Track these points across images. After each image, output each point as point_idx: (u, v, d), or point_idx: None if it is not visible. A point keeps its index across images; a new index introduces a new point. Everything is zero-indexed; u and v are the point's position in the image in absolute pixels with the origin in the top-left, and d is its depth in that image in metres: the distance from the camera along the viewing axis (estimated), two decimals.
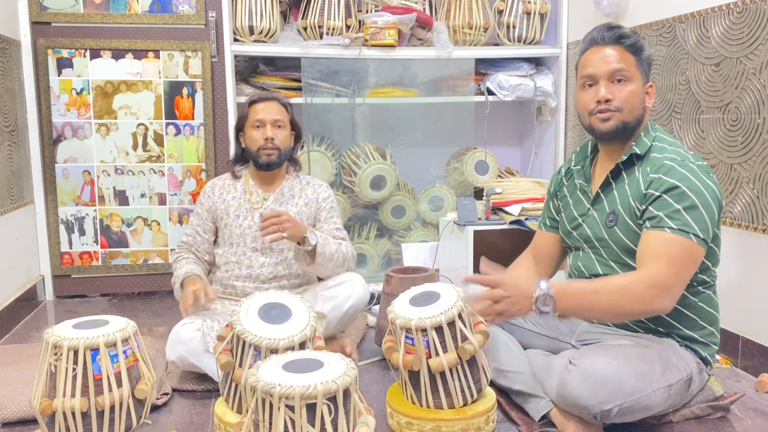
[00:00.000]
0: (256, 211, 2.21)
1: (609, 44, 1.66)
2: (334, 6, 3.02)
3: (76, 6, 2.93)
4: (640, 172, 1.65)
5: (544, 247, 1.96)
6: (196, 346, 1.93)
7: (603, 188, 1.74)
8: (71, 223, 3.04)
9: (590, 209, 1.77)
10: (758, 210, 2.06)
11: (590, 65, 1.68)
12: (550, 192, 1.97)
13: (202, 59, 3.00)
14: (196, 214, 2.29)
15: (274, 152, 2.19)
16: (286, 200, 2.25)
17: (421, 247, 3.17)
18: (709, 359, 1.70)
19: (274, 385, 1.21)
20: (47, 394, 1.50)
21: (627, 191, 1.67)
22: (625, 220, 1.67)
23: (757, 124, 2.05)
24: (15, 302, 2.71)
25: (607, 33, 1.67)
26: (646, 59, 1.69)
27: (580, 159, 1.87)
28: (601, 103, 1.65)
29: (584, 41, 1.72)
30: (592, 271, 1.76)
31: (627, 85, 1.65)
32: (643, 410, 1.53)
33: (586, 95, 1.69)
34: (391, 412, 1.71)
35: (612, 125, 1.66)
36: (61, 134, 2.98)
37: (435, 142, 3.44)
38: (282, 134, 2.21)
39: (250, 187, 2.26)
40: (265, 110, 2.20)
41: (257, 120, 2.20)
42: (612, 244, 1.70)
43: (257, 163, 2.21)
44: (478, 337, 1.65)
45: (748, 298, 2.12)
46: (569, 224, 1.84)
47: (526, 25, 3.20)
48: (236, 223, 2.21)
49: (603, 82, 1.65)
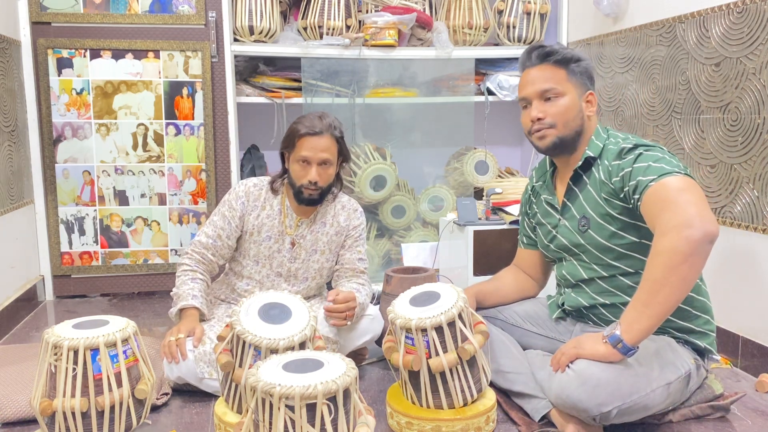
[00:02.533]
0: (288, 236, 2.11)
1: (535, 65, 1.74)
2: (334, 6, 3.02)
3: (76, 6, 2.93)
4: (600, 170, 1.70)
5: (525, 263, 2.03)
6: (193, 367, 1.89)
7: (567, 196, 1.79)
8: (71, 223, 3.04)
9: (560, 219, 1.81)
10: (758, 210, 2.06)
11: (522, 88, 1.76)
12: (522, 211, 2.03)
13: (202, 59, 3.00)
14: (223, 216, 2.09)
15: (315, 192, 2.04)
16: (318, 228, 2.14)
17: (421, 247, 3.17)
18: (709, 349, 1.70)
19: (274, 385, 1.21)
20: (47, 394, 1.49)
21: (591, 192, 1.72)
22: (597, 221, 1.70)
23: (757, 124, 2.05)
24: (15, 302, 2.71)
25: (533, 53, 1.75)
26: (581, 70, 1.74)
27: (540, 175, 1.93)
28: (534, 123, 1.73)
29: (518, 66, 1.80)
30: (577, 277, 1.79)
31: (558, 101, 1.71)
32: (642, 410, 1.53)
33: (524, 116, 1.78)
34: (391, 412, 1.72)
35: (549, 142, 1.73)
36: (61, 134, 2.98)
37: (435, 142, 3.44)
38: (328, 173, 2.05)
39: (285, 208, 2.12)
40: (314, 148, 1.99)
41: (303, 157, 2.01)
42: (590, 248, 1.73)
43: (298, 198, 2.07)
44: (478, 337, 1.65)
45: (748, 298, 2.12)
46: (545, 238, 1.89)
47: (526, 25, 3.20)
48: (267, 244, 2.11)
49: (535, 103, 1.73)
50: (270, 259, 2.13)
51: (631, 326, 1.47)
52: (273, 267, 2.13)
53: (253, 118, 3.24)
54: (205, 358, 1.88)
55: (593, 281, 1.75)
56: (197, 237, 2.11)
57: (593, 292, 1.76)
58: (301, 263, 2.14)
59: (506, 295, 1.99)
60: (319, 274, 2.18)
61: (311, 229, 2.14)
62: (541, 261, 1.99)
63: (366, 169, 3.09)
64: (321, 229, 2.15)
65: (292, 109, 3.16)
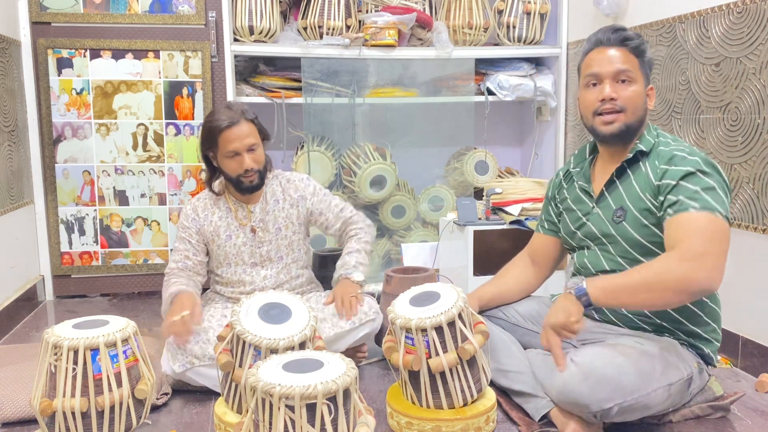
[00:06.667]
0: (245, 226, 2.16)
1: (614, 45, 1.68)
2: (334, 6, 3.02)
3: (76, 6, 2.93)
4: (648, 167, 1.67)
5: (541, 249, 1.99)
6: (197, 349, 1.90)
7: (607, 186, 1.75)
8: (71, 223, 3.04)
9: (594, 207, 1.78)
10: (758, 210, 2.06)
11: (595, 64, 1.69)
12: (548, 196, 1.98)
13: (202, 59, 3.00)
14: (182, 239, 2.15)
15: (255, 176, 2.08)
16: (271, 207, 2.18)
17: (421, 247, 3.17)
18: (711, 356, 1.70)
19: (274, 385, 1.21)
20: (47, 394, 1.49)
21: (635, 186, 1.68)
22: (634, 214, 1.67)
23: (757, 124, 2.05)
24: (15, 302, 2.71)
25: (613, 35, 1.68)
26: (648, 62, 1.71)
27: (579, 161, 1.88)
28: (605, 102, 1.66)
29: (588, 42, 1.73)
30: (598, 267, 1.76)
31: (631, 86, 1.66)
32: (643, 409, 1.53)
33: (590, 94, 1.70)
34: (391, 412, 1.71)
35: (615, 128, 1.67)
36: (61, 134, 2.98)
37: (435, 142, 3.43)
38: (259, 154, 2.09)
39: (232, 203, 2.17)
40: (237, 138, 2.02)
41: (232, 150, 2.04)
42: (620, 239, 1.70)
43: (240, 188, 2.11)
44: (478, 337, 1.65)
45: (748, 298, 2.12)
46: (573, 224, 1.85)
47: (526, 25, 3.20)
48: (229, 243, 2.15)
49: (608, 81, 1.67)
50: (239, 256, 2.16)
51: (604, 291, 1.53)
52: (246, 261, 2.17)
53: None
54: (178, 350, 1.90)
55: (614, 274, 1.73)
56: (168, 266, 2.16)
57: None
58: (269, 245, 2.17)
59: (507, 299, 1.97)
60: (290, 249, 2.21)
61: (266, 210, 2.18)
62: (556, 249, 1.96)
63: (366, 169, 3.09)
64: (275, 207, 2.19)
65: (292, 109, 3.16)
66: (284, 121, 3.09)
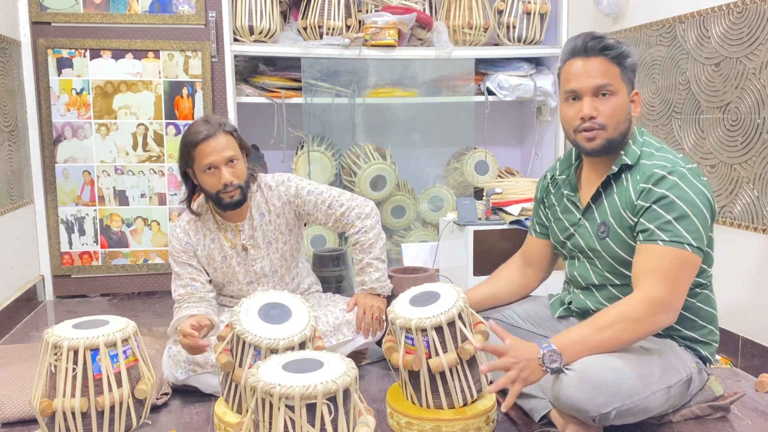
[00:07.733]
0: (236, 246, 2.07)
1: (592, 56, 1.59)
2: (334, 6, 3.02)
3: (76, 6, 2.93)
4: (630, 181, 1.62)
5: (534, 251, 1.95)
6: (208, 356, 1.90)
7: (594, 200, 1.71)
8: (71, 223, 3.04)
9: (581, 219, 1.75)
10: (758, 210, 2.06)
11: (573, 80, 1.61)
12: (537, 198, 1.94)
13: (202, 59, 3.00)
14: (181, 264, 2.04)
15: (235, 191, 1.95)
16: (258, 222, 2.08)
17: (421, 247, 3.17)
18: (709, 357, 1.70)
19: (274, 385, 1.21)
20: (47, 394, 1.50)
21: (617, 201, 1.65)
22: (616, 231, 1.64)
23: (757, 124, 2.05)
24: (15, 302, 2.71)
25: (590, 43, 1.59)
26: (630, 67, 1.63)
27: (564, 167, 1.83)
28: (585, 120, 1.60)
29: (565, 49, 1.65)
30: (588, 280, 1.75)
31: (611, 99, 1.59)
32: (642, 412, 1.53)
33: (570, 110, 1.64)
34: (391, 412, 1.71)
35: (597, 144, 1.61)
36: (61, 134, 2.98)
37: (435, 142, 3.43)
38: (239, 168, 1.96)
39: (219, 224, 2.07)
40: (214, 151, 1.90)
41: (208, 164, 1.91)
42: (605, 255, 1.68)
43: (220, 205, 1.99)
44: (478, 337, 1.65)
45: (748, 298, 2.12)
46: (561, 234, 1.82)
47: (526, 25, 3.20)
48: (224, 264, 2.07)
49: (587, 98, 1.59)
50: (233, 276, 2.10)
51: (570, 342, 1.51)
52: (241, 280, 2.10)
53: (253, 118, 3.24)
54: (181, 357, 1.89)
55: (604, 287, 1.72)
56: (177, 293, 2.03)
57: (603, 297, 1.72)
58: (261, 261, 2.10)
59: (500, 300, 1.95)
60: (284, 260, 2.14)
61: (253, 226, 2.08)
62: (550, 251, 1.92)
63: (366, 169, 3.09)
64: (262, 221, 2.08)
65: (292, 109, 3.16)
66: (284, 121, 3.09)
